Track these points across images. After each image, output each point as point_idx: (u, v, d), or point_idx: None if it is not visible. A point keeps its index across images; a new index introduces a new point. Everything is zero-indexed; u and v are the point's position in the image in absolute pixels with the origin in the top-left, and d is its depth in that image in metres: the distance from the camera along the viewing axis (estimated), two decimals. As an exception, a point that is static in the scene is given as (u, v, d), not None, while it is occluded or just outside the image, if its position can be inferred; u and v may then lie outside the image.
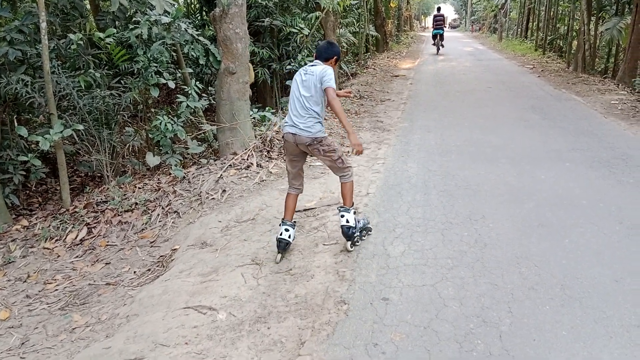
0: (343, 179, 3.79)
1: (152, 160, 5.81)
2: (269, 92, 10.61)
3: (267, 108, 7.57)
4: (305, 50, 8.86)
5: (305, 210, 4.61)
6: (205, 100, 6.71)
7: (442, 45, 22.34)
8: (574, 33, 16.10)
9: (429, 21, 52.02)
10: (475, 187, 4.97)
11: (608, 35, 11.99)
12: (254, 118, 6.97)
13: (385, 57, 20.40)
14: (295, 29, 8.70)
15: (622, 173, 5.22)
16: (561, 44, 19.42)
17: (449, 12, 66.24)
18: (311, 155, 3.81)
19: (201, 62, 6.17)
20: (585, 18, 13.61)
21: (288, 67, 8.83)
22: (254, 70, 9.41)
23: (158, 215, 4.92)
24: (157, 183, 5.64)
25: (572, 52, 15.34)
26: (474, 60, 18.96)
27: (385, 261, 3.54)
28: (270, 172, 5.62)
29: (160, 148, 6.05)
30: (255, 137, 6.38)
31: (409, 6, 38.57)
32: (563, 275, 3.25)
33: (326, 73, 3.48)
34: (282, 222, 3.78)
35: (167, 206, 5.05)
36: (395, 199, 4.74)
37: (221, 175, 5.59)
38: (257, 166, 5.76)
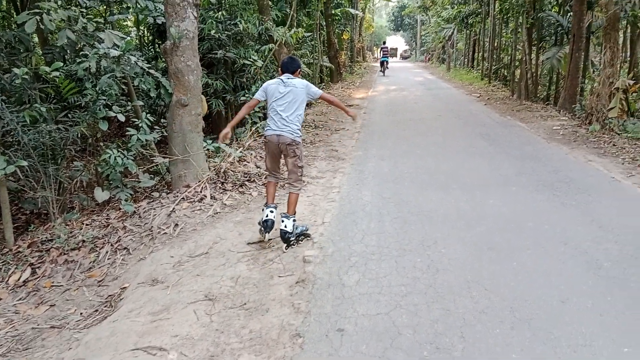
0: (293, 189, 4.48)
1: (100, 195, 5.63)
2: (224, 123, 10.56)
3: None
4: (260, 82, 8.92)
5: (259, 242, 4.56)
6: (157, 132, 6.61)
7: (387, 68, 29.15)
8: (517, 62, 17.04)
9: (379, 53, 54.19)
10: (427, 213, 5.09)
11: (548, 64, 12.78)
12: (207, 149, 6.90)
13: (340, 87, 20.84)
14: (248, 61, 8.78)
15: (566, 196, 5.49)
16: (505, 73, 20.48)
17: (400, 44, 68.84)
18: (285, 156, 4.41)
19: (152, 94, 6.09)
20: (526, 48, 14.46)
21: (242, 98, 8.86)
22: (208, 101, 9.39)
23: (107, 252, 4.74)
24: (106, 219, 5.45)
25: (516, 80, 16.18)
26: (424, 90, 19.68)
27: (340, 291, 3.53)
28: (225, 204, 5.55)
29: (110, 182, 5.88)
30: (209, 168, 6.31)
31: (361, 38, 39.82)
32: (512, 298, 3.34)
33: (310, 85, 4.43)
34: (266, 206, 4.45)
35: (116, 243, 4.87)
36: (351, 228, 4.78)
37: (173, 208, 5.46)
38: (210, 198, 5.68)
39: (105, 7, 8.07)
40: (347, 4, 25.74)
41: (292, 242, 4.39)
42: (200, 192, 5.82)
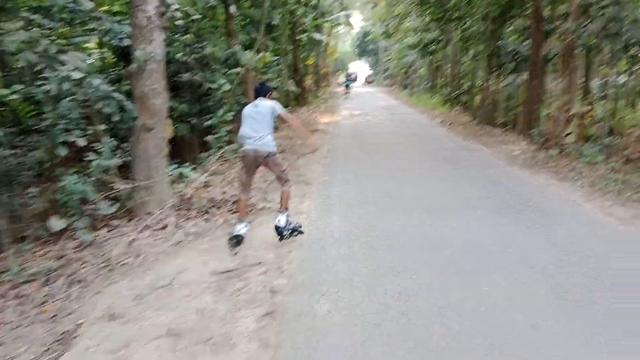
0: (284, 187, 5.04)
1: (56, 224, 5.34)
2: (188, 148, 10.38)
3: (186, 164, 7.36)
4: (226, 106, 8.84)
5: (226, 272, 4.41)
6: (119, 157, 6.38)
7: (349, 92, 32.03)
8: (477, 89, 17.63)
9: (343, 78, 55.48)
10: (395, 237, 5.08)
11: (508, 91, 13.27)
12: (171, 175, 6.73)
13: (306, 111, 20.95)
14: (215, 85, 8.70)
15: (529, 219, 5.60)
16: (466, 99, 21.13)
17: (364, 69, 70.28)
18: (265, 167, 5.02)
19: (115, 118, 5.91)
20: (486, 76, 14.97)
21: (208, 122, 8.74)
22: (173, 125, 9.21)
23: (61, 285, 4.47)
24: (62, 249, 5.17)
25: (477, 106, 16.71)
26: (388, 115, 20.04)
27: (312, 322, 3.43)
28: (189, 232, 5.37)
29: (68, 210, 5.60)
30: (173, 195, 6.13)
31: (326, 63, 40.40)
32: (482, 323, 3.33)
33: (276, 105, 4.94)
34: (239, 220, 4.92)
35: (72, 275, 4.60)
36: (320, 254, 4.70)
37: (134, 237, 5.25)
38: (174, 226, 5.49)
39: (68, 28, 7.86)
40: (312, 30, 26.15)
41: (285, 235, 4.92)
42: (164, 219, 5.63)
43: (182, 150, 10.54)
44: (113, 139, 6.13)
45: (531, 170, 8.40)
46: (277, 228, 4.94)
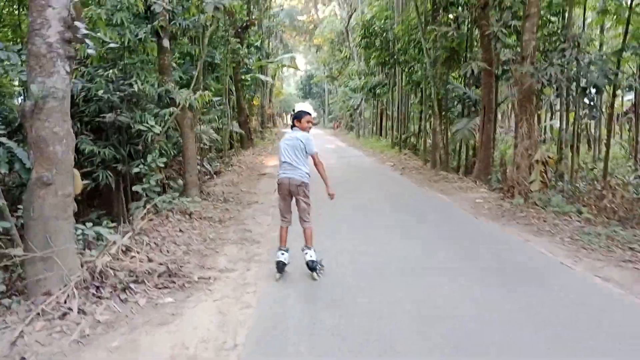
0: (306, 224, 5.16)
1: None
2: (115, 198, 8.93)
3: (104, 223, 6.01)
4: (157, 151, 7.60)
5: None
6: (7, 222, 4.96)
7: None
8: (426, 132, 17.34)
9: (289, 119, 55.07)
10: (372, 317, 4.00)
11: (460, 135, 12.85)
12: (82, 238, 5.37)
13: (251, 153, 19.87)
14: (144, 126, 7.46)
15: (521, 289, 4.70)
16: (414, 142, 20.90)
17: (307, 107, 70.55)
18: (296, 195, 5.13)
19: (2, 170, 4.55)
20: (438, 119, 14.61)
21: (136, 169, 7.43)
22: (93, 173, 7.82)
23: None
24: None
25: (428, 149, 16.31)
26: (337, 158, 19.32)
27: None
28: (98, 321, 4.02)
29: None
30: (82, 265, 4.75)
31: (271, 104, 39.89)
32: None
33: (310, 141, 5.12)
34: (279, 248, 5.17)
35: None
36: (275, 351, 3.52)
37: (22, 331, 3.84)
38: (78, 313, 4.12)
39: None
40: (257, 71, 25.47)
41: (318, 270, 5.05)
42: (65, 302, 4.24)
43: (109, 201, 9.10)
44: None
45: (500, 222, 7.69)
46: (310, 262, 5.02)
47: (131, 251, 5.57)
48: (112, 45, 7.56)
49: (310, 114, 5.51)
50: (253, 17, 21.82)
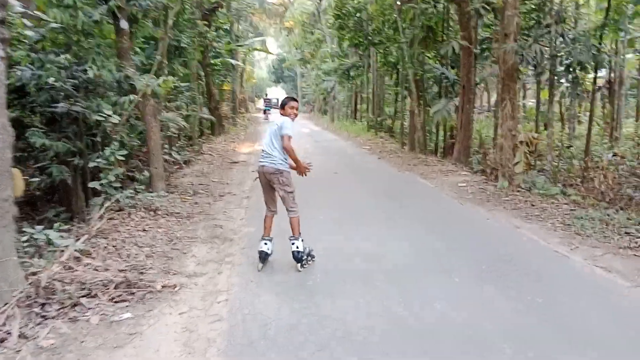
0: (291, 214, 4.89)
1: None
2: (74, 195, 8.20)
3: (55, 226, 5.37)
4: (116, 143, 6.91)
5: None
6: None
7: (269, 115, 32.47)
8: (402, 114, 16.92)
9: (262, 103, 54.09)
10: (360, 333, 3.53)
11: (439, 116, 12.44)
12: (30, 244, 4.74)
13: (223, 140, 19.14)
14: (100, 116, 6.75)
15: (521, 287, 4.33)
16: (390, 125, 20.49)
17: (281, 96, 69.50)
18: (273, 184, 4.83)
19: None
20: (415, 101, 14.16)
21: (92, 163, 6.74)
22: (46, 169, 7.10)
23: None
24: None
25: (404, 132, 15.92)
26: (313, 142, 18.78)
27: None
28: (41, 347, 3.43)
29: None
30: (24, 280, 4.13)
31: (243, 89, 38.88)
32: None
33: (285, 123, 4.79)
34: (262, 238, 4.97)
35: None
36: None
37: (-52, 362, 3.23)
38: (19, 337, 3.52)
39: None
40: (227, 55, 24.52)
41: (304, 261, 4.81)
42: (4, 325, 3.64)
43: (68, 197, 8.35)
44: None
45: (487, 207, 7.33)
46: (295, 254, 4.78)
47: (87, 256, 4.96)
48: (53, 25, 6.77)
49: (295, 100, 5.24)
50: (221, -2, 20.85)
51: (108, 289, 4.20)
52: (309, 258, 4.92)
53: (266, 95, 38.05)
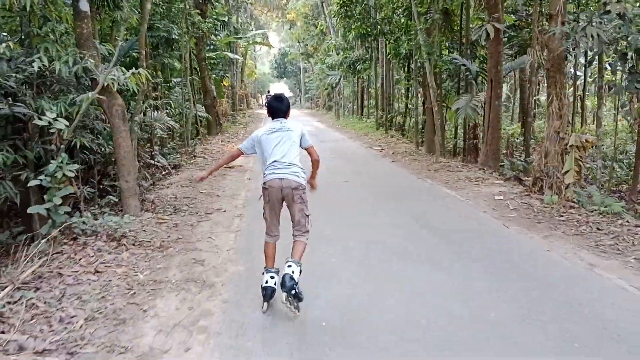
0: (300, 238, 4.01)
1: None
2: (24, 213, 6.71)
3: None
4: (64, 154, 5.39)
5: None
6: None
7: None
8: (416, 110, 15.35)
9: (264, 99, 52.64)
10: None
11: (462, 114, 10.84)
12: None
13: (219, 140, 17.64)
14: (41, 119, 5.23)
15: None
16: (401, 122, 18.93)
17: (284, 91, 67.83)
18: (291, 202, 3.99)
19: None
20: (435, 96, 12.56)
21: (33, 182, 5.22)
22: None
23: None
24: None
25: (418, 130, 14.36)
26: (318, 142, 17.15)
27: None
28: None
29: None
30: None
31: (243, 85, 37.38)
32: None
33: (305, 133, 4.29)
34: (266, 270, 3.99)
35: None
36: None
37: None
38: None
39: None
40: (225, 48, 23.01)
41: (294, 292, 3.60)
42: None
43: (27, 215, 6.89)
44: None
45: (540, 231, 5.80)
46: (285, 280, 3.62)
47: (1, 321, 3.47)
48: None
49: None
50: (216, -14, 19.34)
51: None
52: (297, 299, 3.67)
53: (268, 91, 36.39)
